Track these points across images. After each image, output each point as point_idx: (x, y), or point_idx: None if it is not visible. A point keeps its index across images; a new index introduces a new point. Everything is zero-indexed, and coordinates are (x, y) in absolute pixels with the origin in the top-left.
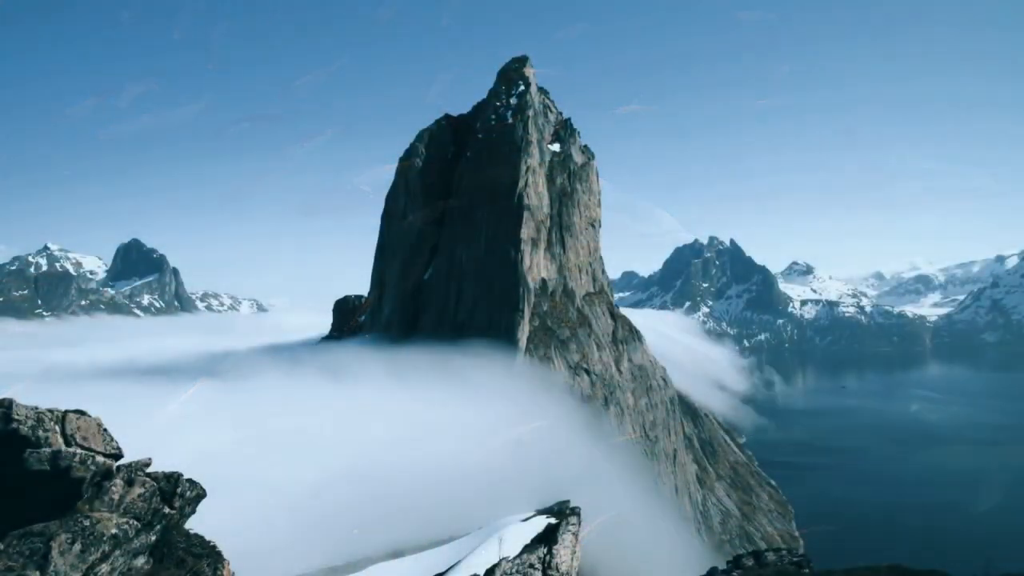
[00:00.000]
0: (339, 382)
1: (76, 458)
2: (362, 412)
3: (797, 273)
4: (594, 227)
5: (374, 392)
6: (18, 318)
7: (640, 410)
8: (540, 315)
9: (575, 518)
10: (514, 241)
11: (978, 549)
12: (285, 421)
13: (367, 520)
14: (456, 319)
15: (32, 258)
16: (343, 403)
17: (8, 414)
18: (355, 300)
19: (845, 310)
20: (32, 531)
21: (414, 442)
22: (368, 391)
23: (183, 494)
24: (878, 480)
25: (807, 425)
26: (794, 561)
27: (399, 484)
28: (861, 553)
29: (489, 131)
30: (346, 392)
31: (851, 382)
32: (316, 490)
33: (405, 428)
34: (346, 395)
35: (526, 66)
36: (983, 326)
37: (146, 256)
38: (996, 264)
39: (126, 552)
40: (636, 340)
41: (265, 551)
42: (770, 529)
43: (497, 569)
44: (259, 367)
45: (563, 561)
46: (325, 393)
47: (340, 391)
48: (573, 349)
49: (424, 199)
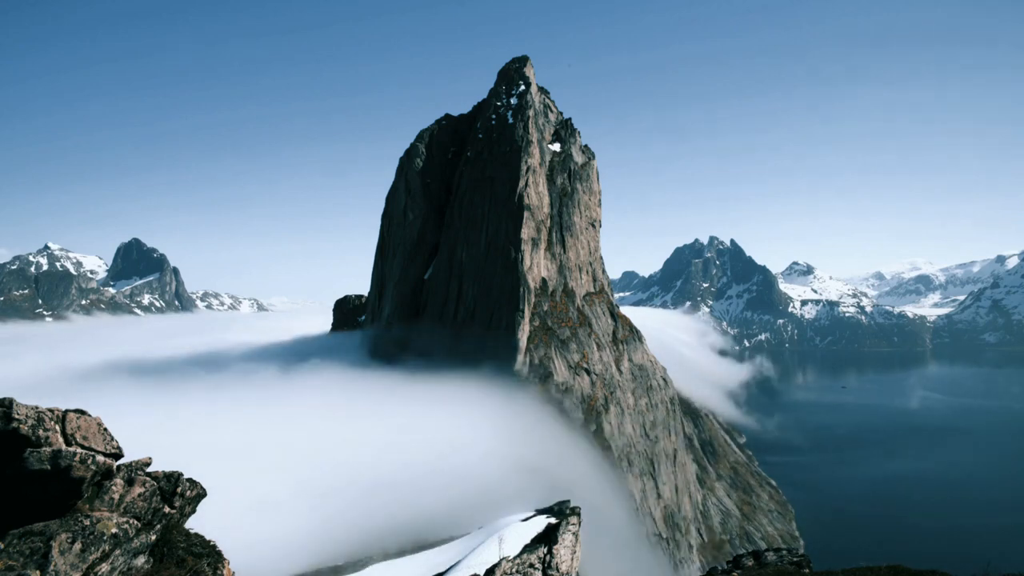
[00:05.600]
0: (339, 388)
1: (76, 457)
2: (361, 416)
3: (797, 273)
4: (594, 227)
5: (371, 401)
6: (19, 318)
7: (640, 410)
8: (540, 315)
9: (575, 518)
10: (514, 241)
11: (978, 549)
12: (285, 422)
13: (367, 520)
14: (456, 319)
15: (33, 258)
16: (342, 410)
17: (8, 413)
18: (355, 300)
19: (845, 310)
20: (32, 530)
21: (412, 446)
22: (366, 401)
23: (183, 493)
24: (878, 480)
25: (807, 425)
26: (794, 561)
27: (398, 485)
28: (861, 553)
29: (489, 131)
30: (345, 398)
31: (851, 382)
32: (316, 491)
33: (402, 432)
34: (345, 401)
35: (526, 66)
36: (983, 326)
37: (146, 256)
38: (996, 264)
39: (126, 551)
40: (636, 340)
41: (265, 551)
42: (770, 529)
43: (497, 569)
44: (260, 368)
45: (563, 561)
46: (325, 398)
47: (339, 397)
48: (573, 349)
49: (424, 199)
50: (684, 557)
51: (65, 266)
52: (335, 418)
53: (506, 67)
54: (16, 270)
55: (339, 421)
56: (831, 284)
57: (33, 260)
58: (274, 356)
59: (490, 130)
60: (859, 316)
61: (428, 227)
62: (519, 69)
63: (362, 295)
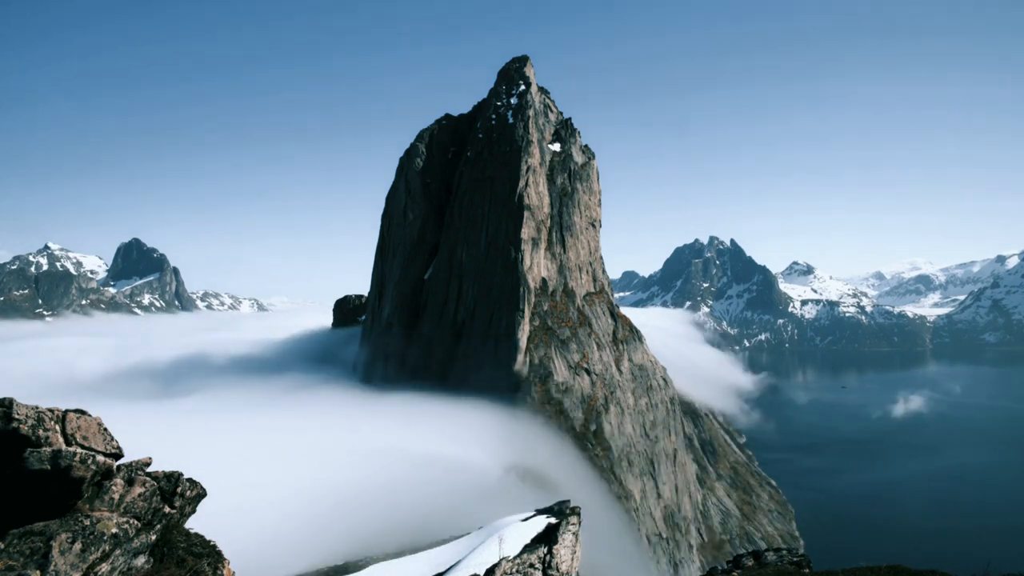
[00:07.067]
0: (339, 391)
1: (76, 457)
2: (360, 417)
3: (797, 273)
4: (594, 227)
5: (371, 403)
6: (19, 318)
7: (640, 410)
8: (540, 315)
9: (575, 518)
10: (514, 241)
11: (978, 549)
12: (285, 423)
13: (367, 520)
14: (456, 319)
15: (33, 258)
16: (342, 411)
17: (8, 413)
18: (355, 300)
19: (845, 310)
20: (32, 530)
21: (412, 446)
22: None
23: (183, 493)
24: (878, 480)
25: (807, 425)
26: (794, 561)
27: (398, 485)
28: (861, 553)
29: (489, 131)
30: (345, 401)
31: (851, 382)
32: (316, 491)
33: (402, 434)
34: (345, 404)
35: (526, 66)
36: (983, 326)
37: (147, 255)
38: (996, 264)
39: (126, 551)
40: (636, 340)
41: (265, 551)
42: (770, 529)
43: (497, 569)
44: (261, 369)
45: (563, 561)
46: (325, 400)
47: (339, 400)
48: (573, 349)
49: (424, 199)
50: (684, 557)
51: (65, 266)
52: (335, 419)
53: (506, 67)
54: (16, 270)
55: (339, 423)
56: (831, 284)
57: (33, 260)
58: (275, 357)
59: (490, 130)
60: (859, 316)
61: (428, 227)
62: (519, 69)
63: (362, 295)
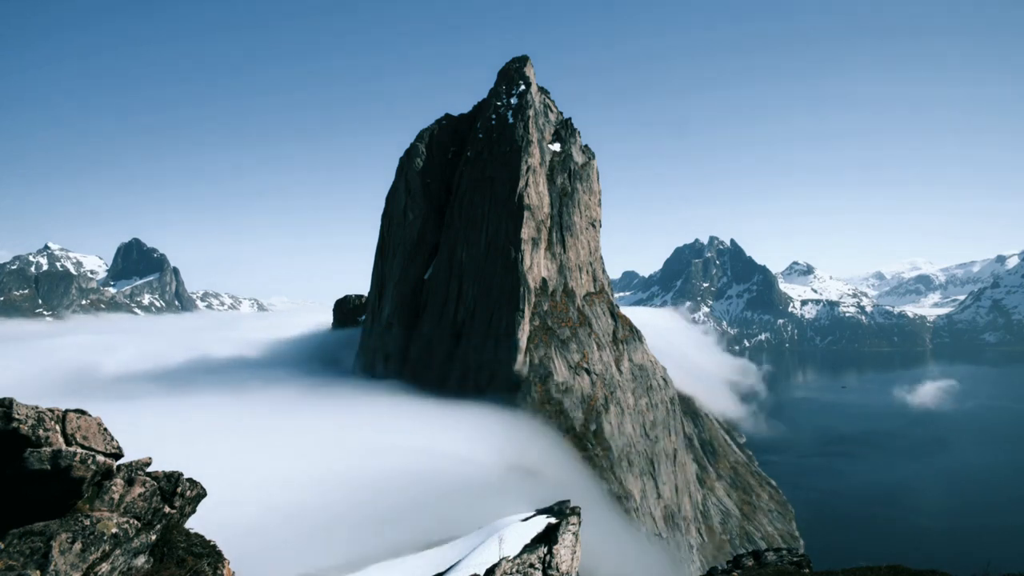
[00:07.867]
0: (339, 392)
1: (76, 457)
2: (359, 420)
3: (797, 273)
4: (594, 227)
5: (371, 404)
6: (19, 318)
7: (640, 410)
8: (540, 315)
9: (575, 518)
10: (514, 241)
11: (978, 549)
12: (285, 423)
13: (367, 520)
14: (456, 319)
15: (33, 258)
16: (341, 412)
17: (8, 413)
18: (355, 300)
19: (845, 310)
20: (32, 530)
21: (412, 447)
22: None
23: (183, 493)
24: (878, 480)
25: (807, 425)
26: (794, 561)
27: (398, 485)
28: (861, 553)
29: (489, 131)
30: (345, 402)
31: (851, 382)
32: (316, 491)
33: (402, 435)
34: (345, 404)
35: (526, 66)
36: (983, 326)
37: (147, 255)
38: (996, 264)
39: (126, 551)
40: (636, 340)
41: (265, 551)
42: (770, 529)
43: (497, 569)
44: (262, 370)
45: (563, 561)
46: (325, 400)
47: (339, 401)
48: (573, 349)
49: (424, 199)
50: (684, 557)
51: (65, 266)
52: (335, 420)
53: (506, 67)
54: (16, 270)
55: (338, 423)
56: (831, 284)
57: (33, 260)
58: (274, 357)
59: (490, 130)
60: (859, 316)
61: (428, 227)
62: (519, 69)
63: (362, 295)
